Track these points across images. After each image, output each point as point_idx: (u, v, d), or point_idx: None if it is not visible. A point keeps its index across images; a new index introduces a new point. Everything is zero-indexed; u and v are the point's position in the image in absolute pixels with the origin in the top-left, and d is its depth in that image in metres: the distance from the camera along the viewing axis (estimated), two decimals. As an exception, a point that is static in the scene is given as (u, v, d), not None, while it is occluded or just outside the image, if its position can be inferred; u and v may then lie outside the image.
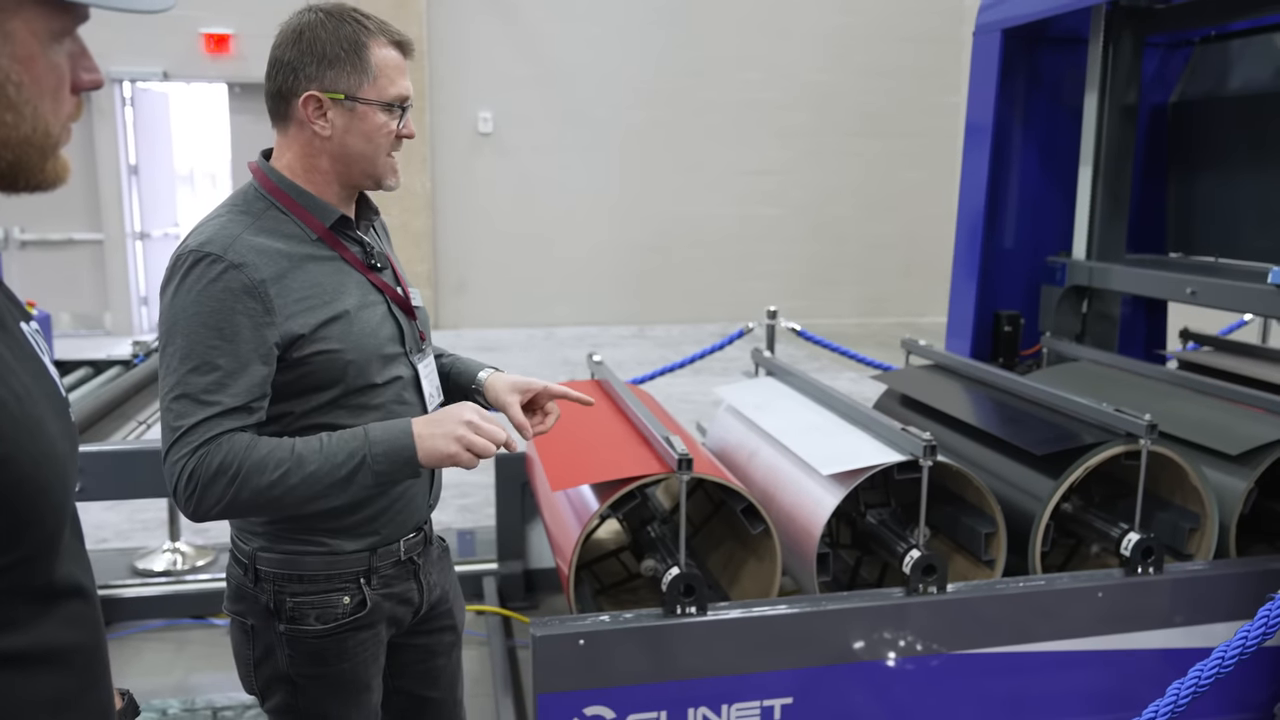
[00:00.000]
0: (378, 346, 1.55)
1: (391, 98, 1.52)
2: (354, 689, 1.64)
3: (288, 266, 1.48)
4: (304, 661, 1.58)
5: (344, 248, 1.56)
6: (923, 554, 2.48)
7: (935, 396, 3.34)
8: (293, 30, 1.50)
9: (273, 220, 1.51)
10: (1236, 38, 3.92)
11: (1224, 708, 2.71)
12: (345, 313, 1.51)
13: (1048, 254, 4.07)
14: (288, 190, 1.53)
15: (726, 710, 2.40)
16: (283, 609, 1.56)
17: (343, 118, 1.50)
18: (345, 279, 1.55)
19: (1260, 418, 2.98)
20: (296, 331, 1.46)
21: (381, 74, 1.51)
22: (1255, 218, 3.78)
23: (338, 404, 1.52)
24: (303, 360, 1.48)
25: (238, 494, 1.39)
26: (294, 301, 1.47)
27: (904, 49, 10.73)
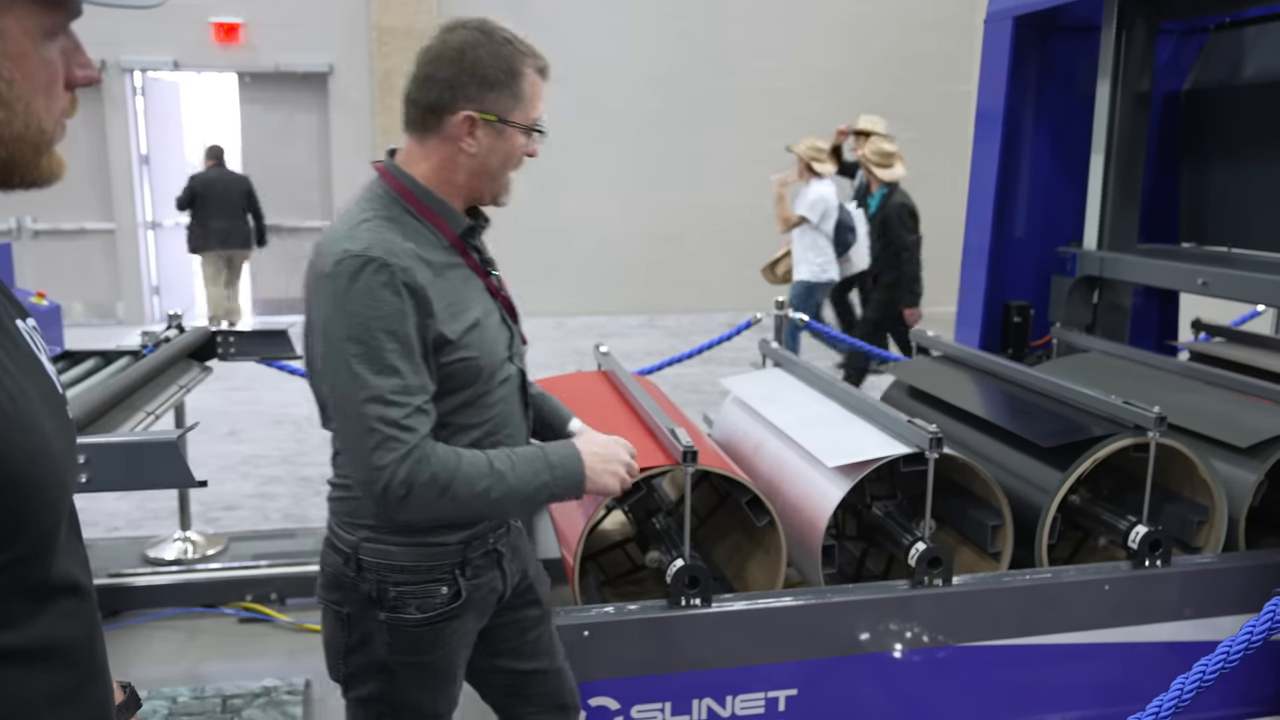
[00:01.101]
0: (499, 350, 1.64)
1: (532, 122, 1.61)
2: (444, 678, 1.70)
3: (433, 274, 1.53)
4: (402, 649, 1.64)
5: (469, 255, 1.63)
6: (928, 546, 2.47)
7: (943, 388, 3.33)
8: (453, 49, 1.54)
9: (411, 226, 1.56)
10: (1251, 25, 3.87)
11: (1231, 701, 2.69)
12: (479, 320, 1.59)
13: (1058, 244, 4.04)
14: (422, 197, 1.58)
15: (731, 702, 2.40)
16: (385, 598, 1.62)
17: (490, 137, 1.57)
18: (473, 286, 1.62)
19: (1271, 410, 2.96)
20: (447, 337, 1.53)
21: (531, 100, 1.60)
22: (1269, 207, 3.74)
23: (466, 404, 1.60)
24: (446, 364, 1.55)
25: (445, 504, 1.50)
26: (444, 307, 1.53)
27: (918, 37, 10.66)
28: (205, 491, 4.96)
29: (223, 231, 8.59)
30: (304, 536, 4.09)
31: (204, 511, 4.65)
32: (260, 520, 4.66)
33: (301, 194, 10.31)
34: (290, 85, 10.04)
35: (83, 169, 9.63)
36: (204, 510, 4.67)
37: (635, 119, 10.42)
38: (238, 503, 4.90)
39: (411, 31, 9.82)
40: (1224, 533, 2.77)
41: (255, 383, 6.86)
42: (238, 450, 5.76)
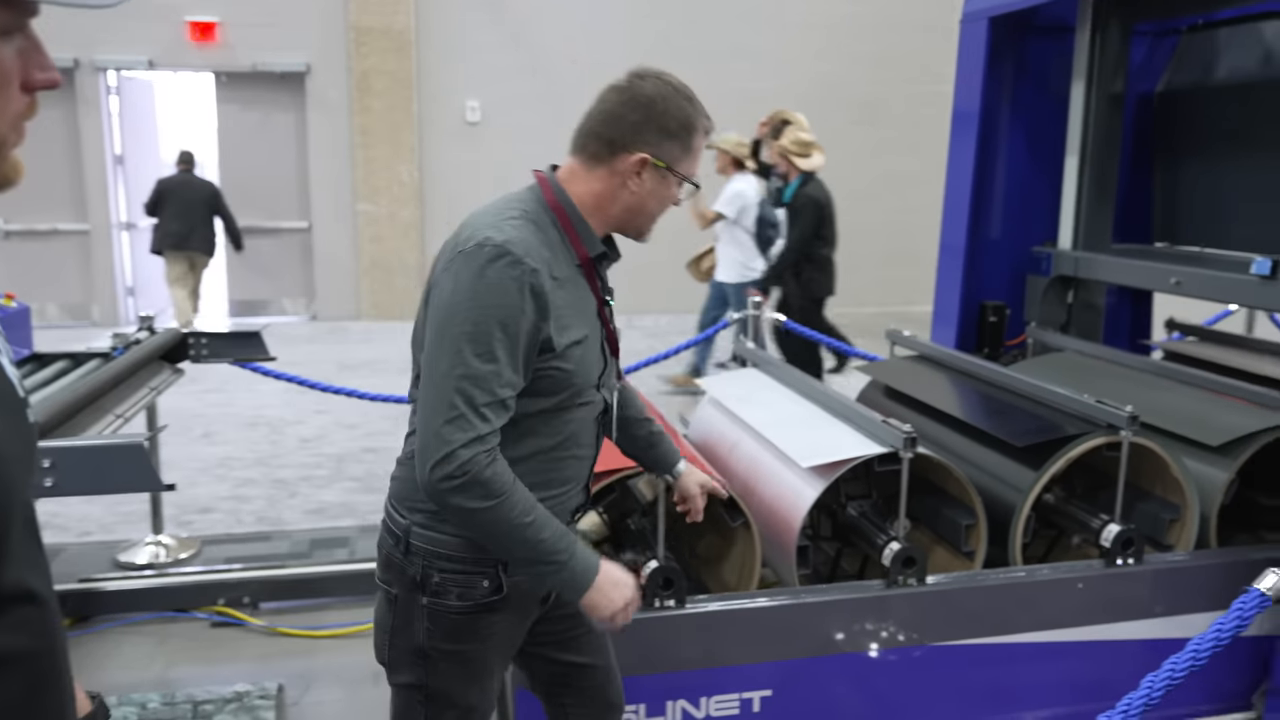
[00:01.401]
0: (593, 375, 1.71)
1: (691, 175, 1.73)
2: (479, 670, 1.74)
3: (558, 283, 1.61)
4: (440, 636, 1.68)
5: (594, 279, 1.71)
6: (902, 546, 2.47)
7: (918, 388, 3.33)
8: (646, 96, 1.67)
9: (550, 236, 1.65)
10: (1223, 26, 3.90)
11: (1203, 698, 2.71)
12: (584, 339, 1.65)
13: (1034, 244, 4.06)
14: (570, 214, 1.68)
15: (705, 703, 2.39)
16: (429, 583, 1.67)
17: (653, 181, 1.69)
18: (588, 307, 1.69)
19: (1242, 409, 2.98)
20: (553, 343, 1.60)
21: (695, 155, 1.73)
22: (1241, 208, 3.77)
23: (546, 412, 1.66)
24: (544, 369, 1.61)
25: (482, 514, 1.53)
26: (558, 316, 1.60)
27: (900, 37, 10.69)
28: (178, 494, 4.92)
29: (177, 234, 8.50)
30: (278, 539, 4.05)
31: (177, 515, 4.59)
32: (234, 523, 4.61)
33: (278, 194, 10.24)
34: (267, 85, 9.96)
35: (56, 169, 9.52)
36: (177, 513, 4.62)
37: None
38: (212, 505, 4.85)
39: (389, 31, 9.77)
40: (1196, 531, 2.79)
41: (229, 385, 6.80)
42: (212, 452, 5.70)
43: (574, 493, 1.78)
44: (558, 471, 1.72)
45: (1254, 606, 1.73)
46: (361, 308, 10.35)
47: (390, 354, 8.57)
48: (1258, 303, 3.22)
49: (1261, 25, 3.71)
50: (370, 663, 3.22)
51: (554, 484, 1.71)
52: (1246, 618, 1.74)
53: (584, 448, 1.75)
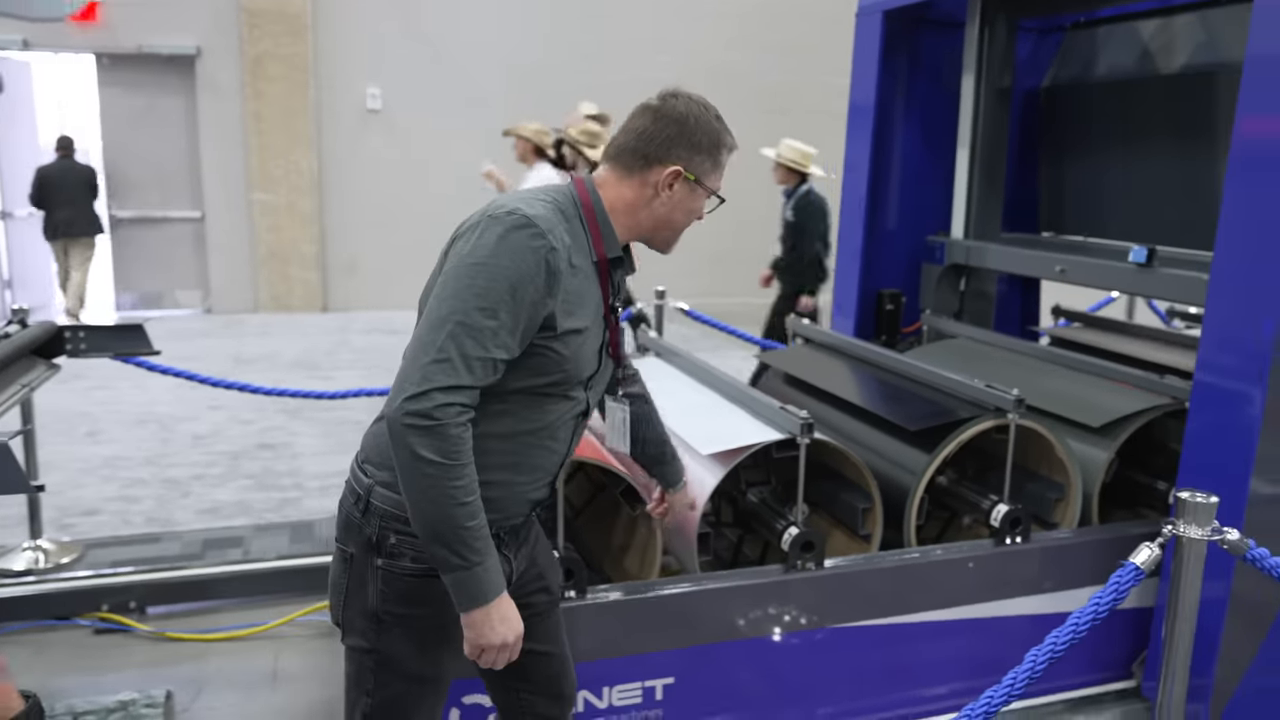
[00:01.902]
0: (585, 370, 1.72)
1: (716, 188, 1.79)
2: (433, 638, 1.72)
3: (572, 270, 1.65)
4: (393, 599, 1.68)
5: (606, 280, 1.74)
6: (800, 531, 2.50)
7: (817, 375, 3.39)
8: (680, 114, 1.75)
9: (576, 229, 1.70)
10: (1103, 24, 4.06)
11: (1086, 669, 2.83)
12: (583, 330, 1.68)
13: (928, 233, 4.17)
14: (598, 214, 1.73)
15: (608, 693, 2.39)
16: (385, 544, 1.67)
17: (682, 193, 1.75)
18: (595, 305, 1.72)
19: (1122, 391, 3.11)
20: (555, 321, 1.62)
21: (720, 172, 1.80)
22: (1120, 199, 3.93)
23: (529, 393, 1.66)
24: (540, 346, 1.63)
25: (428, 475, 1.51)
26: (564, 299, 1.63)
27: (805, 27, 10.82)
28: (61, 496, 4.68)
29: (65, 221, 8.30)
30: (168, 541, 3.89)
31: (59, 518, 4.38)
32: (121, 525, 4.41)
33: (168, 183, 9.83)
34: (154, 68, 9.54)
35: (-77, 154, 8.96)
36: (59, 516, 4.39)
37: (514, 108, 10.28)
38: (97, 507, 4.63)
39: (284, 15, 9.46)
40: (1079, 509, 2.90)
41: (117, 382, 6.50)
42: (97, 452, 5.45)
43: (541, 484, 1.77)
44: (530, 458, 1.71)
45: (1129, 580, 1.80)
46: (259, 300, 10.03)
47: (287, 347, 8.33)
48: (1136, 289, 3.36)
49: (1139, 23, 3.87)
50: (266, 665, 3.14)
51: (524, 469, 1.71)
52: (1123, 591, 1.80)
53: (559, 441, 1.75)
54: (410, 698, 1.75)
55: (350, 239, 10.11)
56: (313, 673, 3.08)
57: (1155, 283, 3.23)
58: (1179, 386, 2.99)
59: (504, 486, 1.69)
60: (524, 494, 1.74)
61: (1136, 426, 2.93)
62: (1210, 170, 3.46)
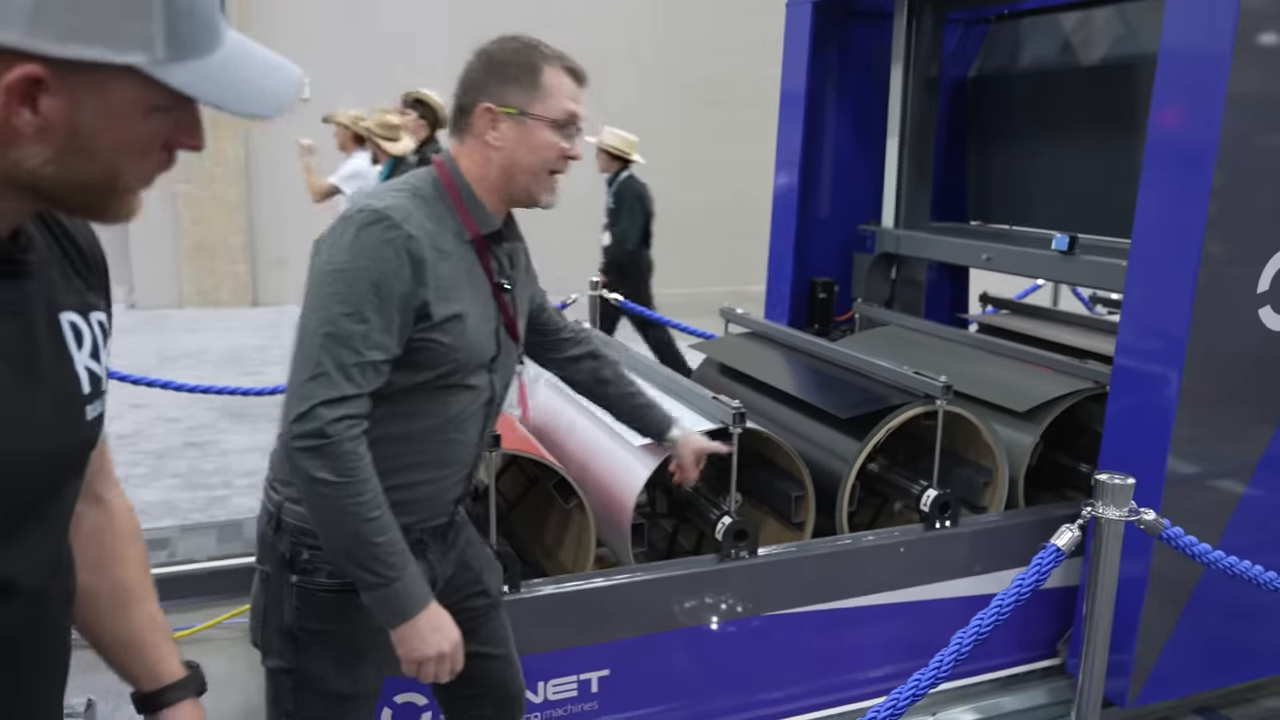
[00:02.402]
0: (480, 355, 1.65)
1: (559, 115, 1.65)
2: (351, 654, 1.67)
3: (441, 255, 1.58)
4: (309, 615, 1.63)
5: (486, 258, 1.67)
6: (734, 520, 2.51)
7: (750, 364, 3.40)
8: (484, 52, 1.67)
9: (440, 211, 1.62)
10: (1027, 16, 4.13)
11: (1012, 648, 2.89)
12: (466, 315, 1.61)
13: (860, 222, 4.21)
14: (461, 190, 1.65)
15: (543, 688, 2.37)
16: (298, 560, 1.62)
17: (514, 131, 1.63)
18: (477, 287, 1.65)
19: (1047, 376, 3.18)
20: (430, 311, 1.55)
21: (552, 94, 1.64)
22: (1044, 188, 4.02)
23: (425, 389, 1.61)
24: (422, 339, 1.56)
25: (327, 492, 1.47)
26: (437, 287, 1.56)
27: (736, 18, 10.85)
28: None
29: None
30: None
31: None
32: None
33: None
34: (70, 55, 9.25)
35: None
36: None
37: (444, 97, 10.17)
38: None
39: None
40: (1006, 492, 2.96)
41: None
42: None
43: (455, 480, 1.72)
44: (437, 454, 1.66)
45: (1050, 562, 1.84)
46: (184, 294, 9.77)
47: (215, 343, 8.13)
48: (1059, 276, 3.44)
49: (1061, 16, 3.95)
50: (191, 670, 3.05)
51: (433, 466, 1.67)
52: (1044, 573, 1.85)
53: (466, 433, 1.69)
54: (332, 717, 1.70)
55: (280, 231, 9.89)
56: (241, 677, 3.01)
57: (1077, 270, 3.30)
58: (1100, 371, 3.07)
59: (415, 488, 1.65)
60: (439, 492, 1.70)
61: (1060, 410, 3.00)
62: (1129, 160, 3.54)
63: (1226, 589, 2.38)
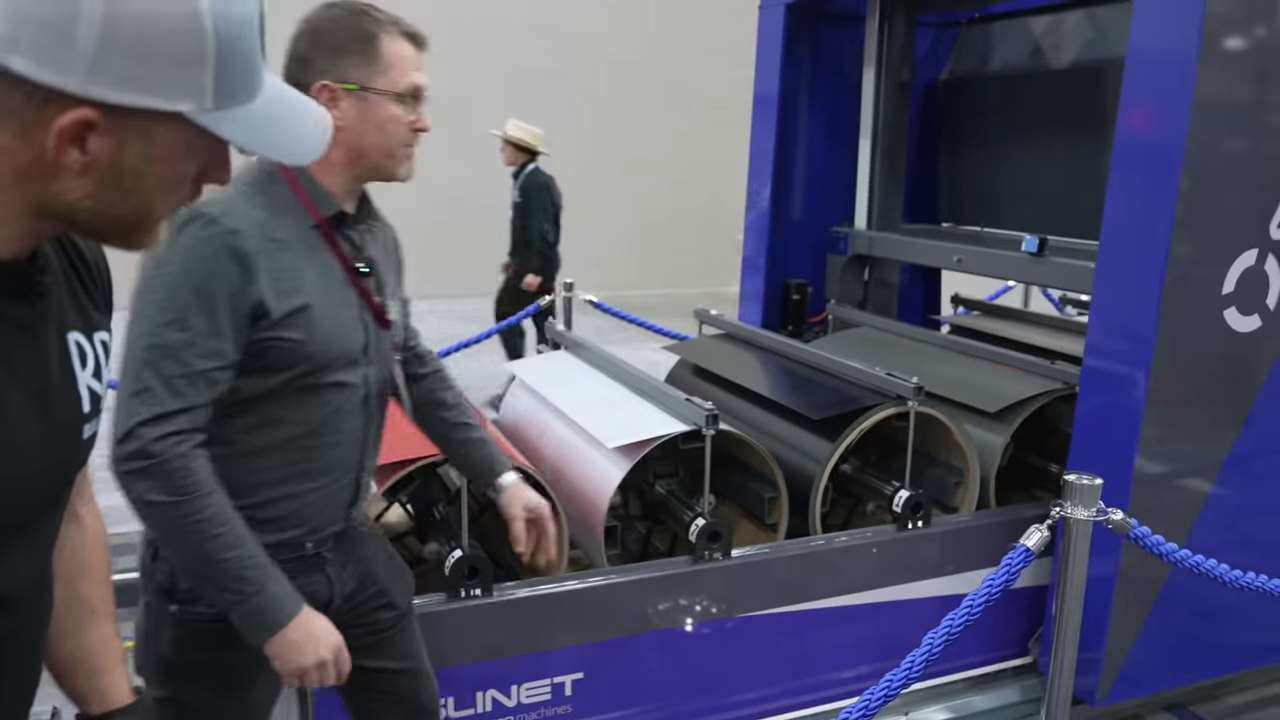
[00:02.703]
0: (343, 348, 1.55)
1: (404, 89, 1.53)
2: (235, 683, 1.59)
3: (277, 246, 1.48)
4: (191, 646, 1.56)
5: (336, 243, 1.56)
6: (708, 521, 2.51)
7: (723, 365, 3.40)
8: (308, 24, 1.53)
9: (277, 198, 1.52)
10: (998, 20, 4.17)
11: (984, 647, 2.91)
12: (314, 306, 1.50)
13: (832, 224, 4.23)
14: (296, 174, 1.54)
15: (516, 691, 2.36)
16: (176, 589, 1.54)
17: (356, 108, 1.52)
18: (326, 274, 1.54)
19: (1017, 377, 3.20)
20: (268, 309, 1.45)
21: (394, 65, 1.53)
22: (1014, 190, 4.05)
23: (284, 393, 1.51)
24: (263, 341, 1.46)
25: (165, 513, 1.40)
26: (274, 280, 1.46)
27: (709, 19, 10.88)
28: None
29: None
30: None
31: None
32: None
33: None
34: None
35: None
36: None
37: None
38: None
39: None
40: (977, 492, 2.98)
41: None
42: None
43: (340, 485, 1.62)
44: (313, 461, 1.57)
45: (1020, 562, 1.86)
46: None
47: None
48: (1028, 278, 3.47)
49: (1030, 20, 3.98)
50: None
51: (313, 475, 1.57)
52: (1014, 573, 1.86)
53: (345, 434, 1.59)
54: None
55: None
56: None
57: (1047, 272, 3.33)
58: (1070, 371, 3.09)
59: (296, 499, 1.56)
60: (323, 500, 1.60)
61: (1030, 411, 3.02)
62: (1097, 162, 3.58)
63: (1194, 587, 2.40)
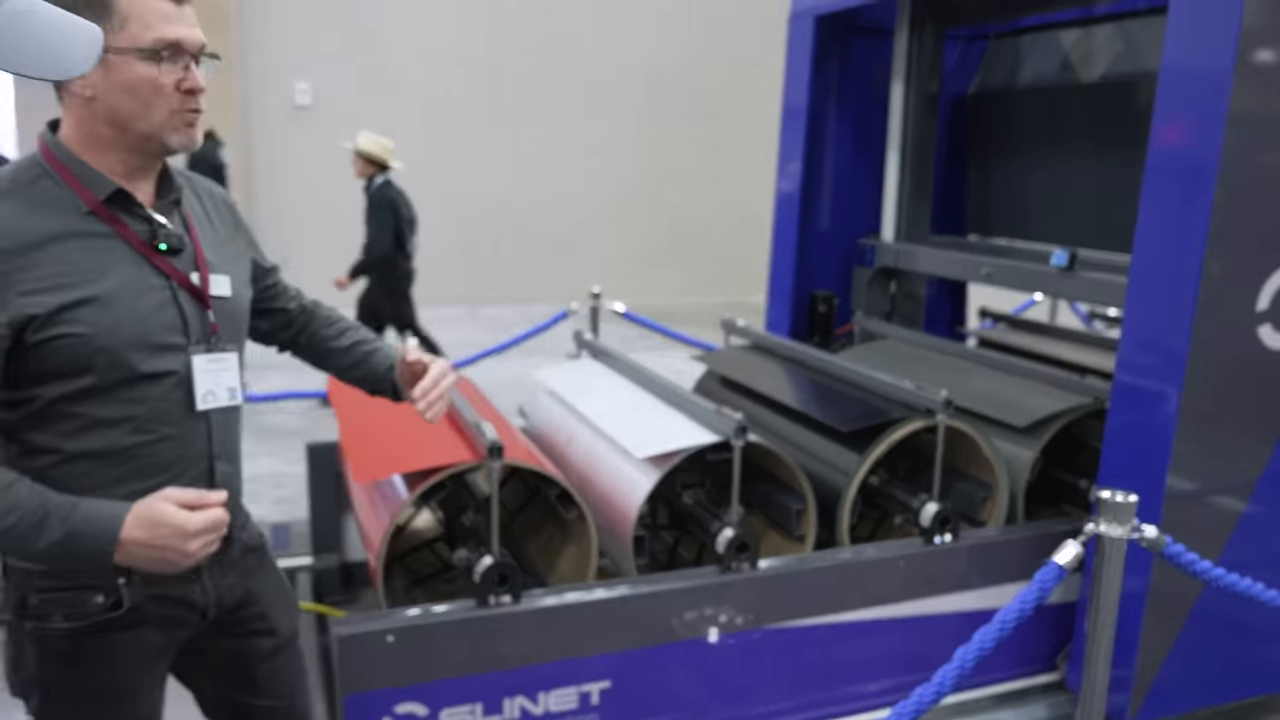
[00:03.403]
0: (143, 335, 1.43)
1: (149, 43, 1.37)
2: (111, 697, 1.51)
3: (40, 241, 1.36)
4: (53, 663, 1.47)
5: (122, 225, 1.44)
6: (736, 532, 2.51)
7: (751, 376, 3.41)
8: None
9: (42, 190, 1.40)
10: (1027, 33, 4.16)
11: (1012, 663, 2.89)
12: (98, 296, 1.39)
13: (860, 236, 4.23)
14: (63, 159, 1.42)
15: (544, 698, 2.37)
16: (27, 606, 1.45)
17: (99, 74, 1.36)
18: (112, 259, 1.42)
19: (1046, 391, 3.19)
20: (31, 311, 1.34)
21: (133, 18, 1.36)
22: (1043, 203, 4.03)
23: (95, 393, 1.40)
24: (42, 343, 1.36)
25: None
26: (35, 279, 1.35)
27: (737, 32, 10.91)
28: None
29: None
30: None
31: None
32: None
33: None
34: (71, 60, 9.26)
35: None
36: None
37: (448, 105, 10.19)
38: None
39: (206, 4, 9.22)
40: (1006, 507, 2.97)
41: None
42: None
43: (186, 480, 1.49)
44: (147, 458, 1.46)
45: (1053, 579, 1.85)
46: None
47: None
48: (1057, 292, 3.45)
49: (1060, 33, 3.97)
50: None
51: (147, 473, 1.46)
52: (1046, 589, 1.85)
53: (172, 425, 1.47)
54: None
55: (280, 236, 9.90)
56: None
57: (1076, 286, 3.31)
58: (1099, 387, 3.08)
59: (140, 498, 1.42)
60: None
61: (1060, 426, 3.01)
62: (1129, 175, 3.56)
63: (1227, 606, 2.38)
